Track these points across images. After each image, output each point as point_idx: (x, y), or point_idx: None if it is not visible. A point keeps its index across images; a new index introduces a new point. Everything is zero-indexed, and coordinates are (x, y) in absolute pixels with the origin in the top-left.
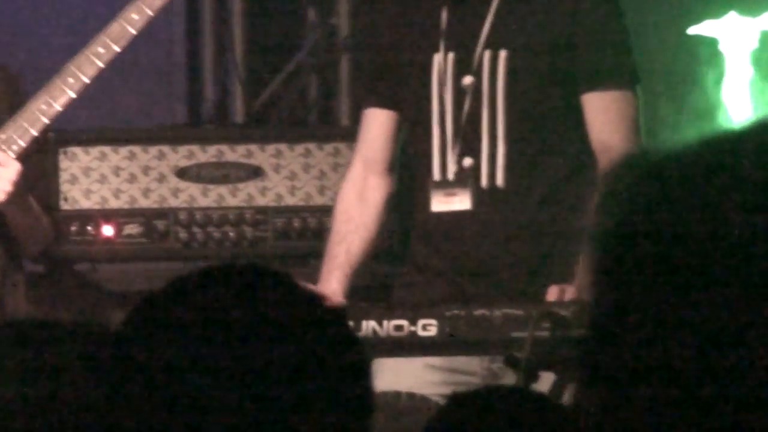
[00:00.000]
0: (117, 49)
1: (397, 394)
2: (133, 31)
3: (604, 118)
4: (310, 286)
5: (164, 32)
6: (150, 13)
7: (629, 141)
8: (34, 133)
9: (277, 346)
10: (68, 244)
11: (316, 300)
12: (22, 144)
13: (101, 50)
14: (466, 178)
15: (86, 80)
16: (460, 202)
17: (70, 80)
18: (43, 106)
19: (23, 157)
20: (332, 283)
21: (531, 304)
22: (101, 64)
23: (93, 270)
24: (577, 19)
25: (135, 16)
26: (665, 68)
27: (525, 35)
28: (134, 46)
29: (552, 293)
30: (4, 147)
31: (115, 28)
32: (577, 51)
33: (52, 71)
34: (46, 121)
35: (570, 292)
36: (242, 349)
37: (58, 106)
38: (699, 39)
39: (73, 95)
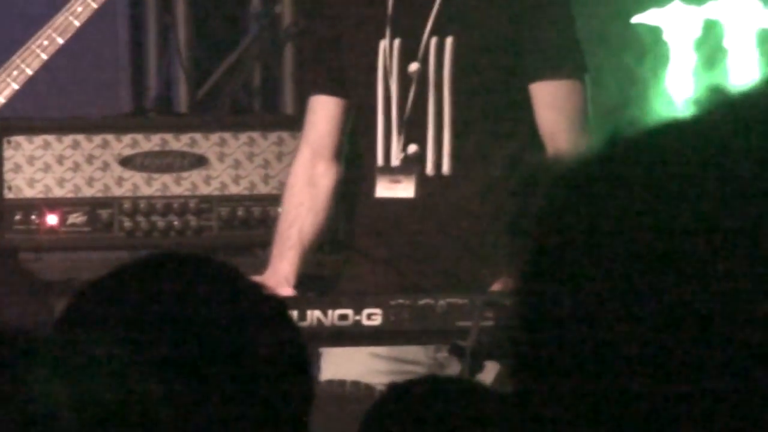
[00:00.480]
0: (61, 41)
1: (342, 383)
2: (77, 24)
3: (552, 107)
4: (254, 277)
5: (108, 21)
6: (94, 5)
7: (576, 129)
8: None
9: (216, 337)
10: (12, 233)
11: (257, 289)
12: None
13: (46, 43)
14: (411, 165)
15: (30, 72)
16: (404, 189)
17: (15, 73)
18: None
19: None
20: (285, 264)
21: (475, 293)
22: (45, 57)
23: (37, 259)
24: (526, 8)
25: (79, 9)
26: (610, 57)
27: (472, 22)
28: (78, 34)
29: (497, 285)
30: None
31: (60, 20)
32: (525, 40)
33: None
34: None
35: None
36: (181, 339)
37: (1, 98)
38: (643, 27)
39: (17, 87)
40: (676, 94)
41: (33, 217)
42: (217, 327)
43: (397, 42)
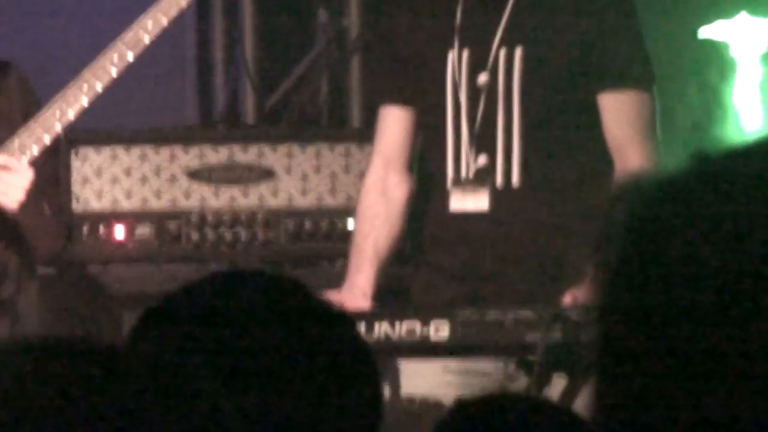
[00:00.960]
0: (131, 58)
1: (412, 399)
2: (148, 40)
3: (620, 117)
4: (332, 291)
5: (175, 33)
6: (165, 22)
7: (645, 141)
8: (47, 140)
9: (285, 354)
10: (80, 246)
11: (325, 306)
12: (35, 151)
13: (116, 59)
14: (483, 177)
15: (100, 89)
16: (477, 201)
17: (85, 88)
18: (57, 113)
19: (35, 162)
20: (362, 278)
21: (543, 307)
22: (115, 73)
23: (105, 271)
24: (595, 18)
25: (150, 25)
26: (676, 70)
27: (542, 33)
28: (154, 57)
29: (567, 299)
30: (17, 153)
31: (130, 36)
32: (594, 50)
33: (62, 70)
34: (59, 128)
35: (582, 295)
36: (251, 355)
37: (71, 114)
38: (710, 42)
39: (86, 104)
40: (743, 108)
41: (101, 229)
42: (286, 345)
43: (465, 52)
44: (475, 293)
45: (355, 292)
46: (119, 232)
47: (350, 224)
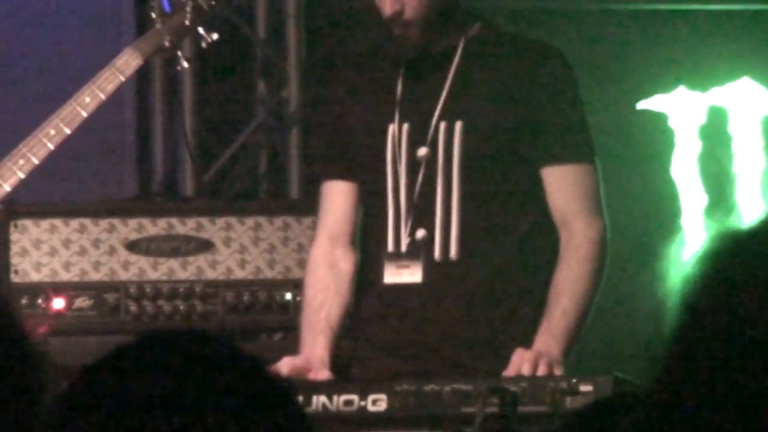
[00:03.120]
0: (68, 131)
1: None
2: (85, 114)
3: (565, 190)
4: (287, 359)
5: (115, 105)
6: (102, 96)
7: (591, 212)
8: None
9: (218, 419)
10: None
11: (261, 371)
12: None
13: (53, 132)
14: (419, 250)
15: (36, 161)
16: (411, 274)
17: (21, 162)
18: None
19: None
20: (318, 349)
21: (481, 379)
22: (52, 146)
23: (44, 343)
24: (536, 92)
25: (87, 99)
26: (616, 141)
27: (482, 107)
28: (94, 130)
29: (518, 354)
30: None
31: (67, 110)
32: (537, 124)
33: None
34: None
35: (530, 356)
36: (181, 421)
37: (7, 187)
38: (647, 114)
39: (23, 176)
40: (681, 177)
41: (39, 301)
42: (219, 408)
43: (405, 126)
44: (411, 366)
45: (314, 362)
46: (58, 303)
47: (288, 296)
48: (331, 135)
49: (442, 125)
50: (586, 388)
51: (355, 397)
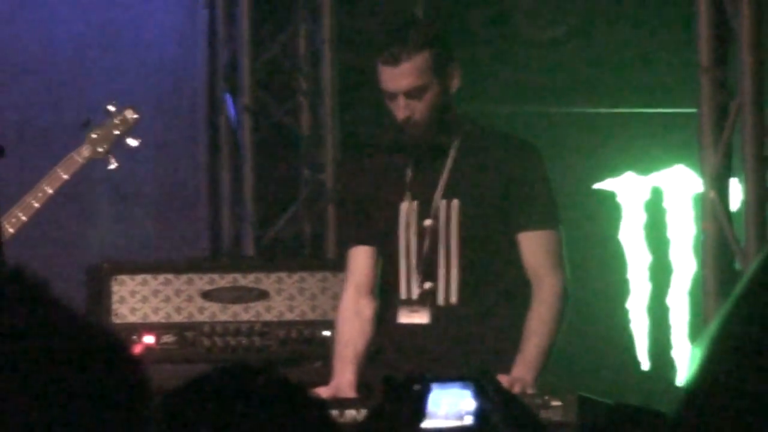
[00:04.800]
0: (50, 191)
1: None
2: (37, 205)
3: (535, 251)
4: (321, 387)
5: (191, 188)
6: (66, 177)
7: (556, 269)
8: None
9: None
10: None
11: (304, 392)
12: None
13: (40, 195)
14: (426, 298)
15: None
16: (420, 317)
17: (13, 220)
18: None
19: None
20: (347, 376)
21: None
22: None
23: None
24: (513, 176)
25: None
26: (577, 213)
27: (473, 188)
28: (168, 194)
29: (500, 379)
30: None
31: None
32: (513, 200)
33: None
34: None
35: (508, 380)
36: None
37: (11, 230)
38: (601, 192)
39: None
40: (629, 245)
41: (134, 337)
42: (270, 422)
43: (414, 203)
44: None
45: (344, 387)
46: (149, 339)
47: (326, 333)
48: (356, 210)
49: (443, 202)
50: (556, 402)
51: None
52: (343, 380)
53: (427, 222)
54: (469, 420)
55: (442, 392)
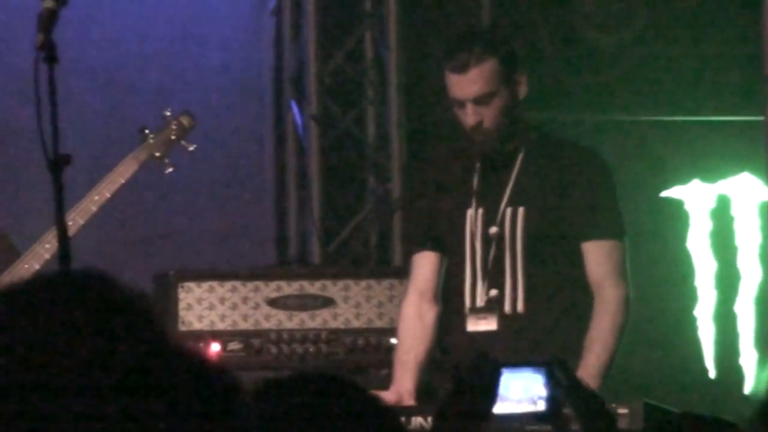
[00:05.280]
0: (81, 222)
1: None
2: (94, 209)
3: (599, 261)
4: (381, 392)
5: (257, 195)
6: (107, 195)
7: (619, 279)
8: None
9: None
10: None
11: (376, 400)
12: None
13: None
14: (493, 306)
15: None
16: (488, 324)
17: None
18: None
19: None
20: (406, 383)
21: None
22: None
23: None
24: (579, 184)
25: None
26: (645, 221)
27: (539, 196)
28: (237, 208)
29: None
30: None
31: (84, 203)
32: (578, 209)
33: None
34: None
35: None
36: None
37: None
38: (669, 200)
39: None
40: (694, 250)
41: (201, 345)
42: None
43: (480, 211)
44: None
45: (403, 394)
46: (215, 347)
47: (393, 341)
48: (422, 216)
49: (509, 210)
50: (622, 410)
51: None
52: (402, 388)
53: (493, 229)
54: (541, 406)
55: (513, 376)
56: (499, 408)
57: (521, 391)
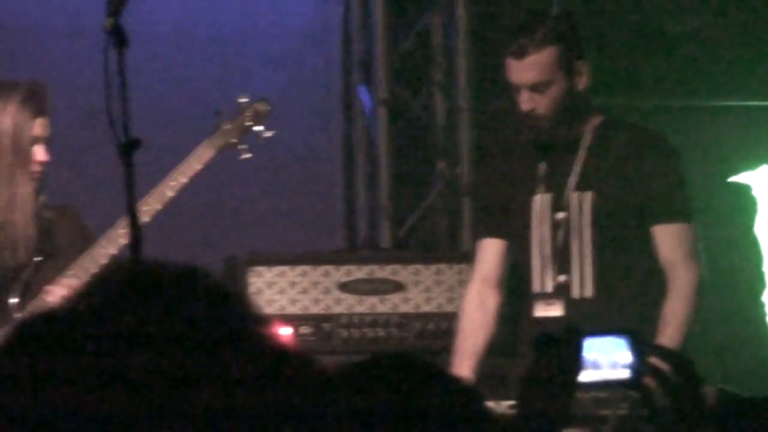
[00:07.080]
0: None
1: None
2: (170, 194)
3: (670, 244)
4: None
5: (327, 181)
6: (184, 180)
7: (691, 261)
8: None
9: (431, 418)
10: None
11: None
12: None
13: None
14: (561, 291)
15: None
16: (556, 309)
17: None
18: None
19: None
20: (465, 370)
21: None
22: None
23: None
24: (647, 168)
25: (180, 178)
26: (713, 206)
27: (606, 180)
28: (307, 193)
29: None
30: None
31: (159, 189)
32: (648, 193)
33: None
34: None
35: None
36: (405, 421)
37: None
38: (737, 185)
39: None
40: (762, 237)
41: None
42: (431, 411)
43: (547, 196)
44: None
45: None
46: (285, 331)
47: None
48: (490, 203)
49: (576, 195)
50: None
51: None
52: (460, 374)
53: (560, 215)
54: (625, 373)
55: (595, 342)
56: (584, 376)
57: (604, 357)
